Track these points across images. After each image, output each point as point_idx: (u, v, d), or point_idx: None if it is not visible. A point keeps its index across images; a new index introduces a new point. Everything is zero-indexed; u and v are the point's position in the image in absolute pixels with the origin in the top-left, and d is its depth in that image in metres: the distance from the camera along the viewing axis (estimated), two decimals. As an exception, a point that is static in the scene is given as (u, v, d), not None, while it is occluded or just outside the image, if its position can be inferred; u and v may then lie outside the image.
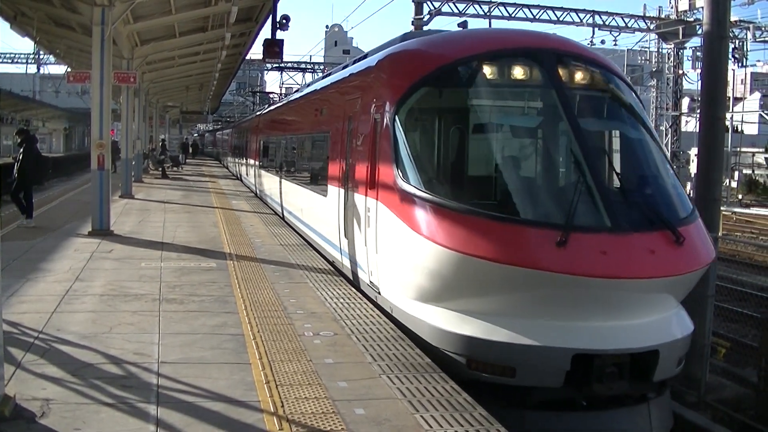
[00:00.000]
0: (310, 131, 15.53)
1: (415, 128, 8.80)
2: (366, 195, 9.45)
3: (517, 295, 7.23)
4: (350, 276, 10.97)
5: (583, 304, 7.16)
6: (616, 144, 8.79)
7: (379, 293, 9.18)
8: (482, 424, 5.80)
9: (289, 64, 54.03)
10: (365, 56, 12.27)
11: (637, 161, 8.60)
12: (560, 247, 6.96)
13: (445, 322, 7.60)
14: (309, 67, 55.00)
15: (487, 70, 8.36)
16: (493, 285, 7.27)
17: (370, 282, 9.55)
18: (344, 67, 14.14)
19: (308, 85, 20.92)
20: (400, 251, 8.28)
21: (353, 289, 10.61)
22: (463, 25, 24.17)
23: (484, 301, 7.41)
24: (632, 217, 7.51)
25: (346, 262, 11.07)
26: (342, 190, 11.10)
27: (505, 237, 7.19)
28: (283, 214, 19.63)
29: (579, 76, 8.49)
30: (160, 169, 38.94)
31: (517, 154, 8.59)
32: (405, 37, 10.79)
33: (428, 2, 23.06)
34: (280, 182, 19.89)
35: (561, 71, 8.29)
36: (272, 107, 28.47)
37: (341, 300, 9.88)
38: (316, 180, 14.16)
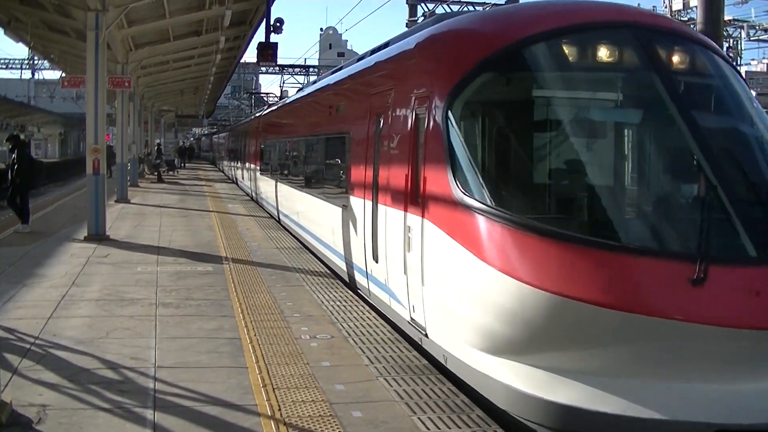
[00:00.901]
0: (323, 132, 13.44)
1: (477, 126, 6.82)
2: (406, 210, 7.59)
3: (635, 351, 5.42)
4: (381, 308, 9.09)
5: (728, 363, 5.36)
6: (738, 145, 6.70)
7: (426, 335, 7.26)
8: (480, 425, 5.79)
9: (288, 63, 53.72)
10: (386, 45, 10.58)
11: None
12: (697, 286, 5.28)
13: (527, 383, 5.66)
14: (303, 69, 54.71)
15: (569, 50, 6.46)
16: (600, 337, 5.45)
17: (412, 320, 7.64)
18: (359, 59, 12.43)
19: (314, 83, 18.80)
20: (461, 286, 6.33)
21: (350, 292, 10.59)
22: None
23: (586, 357, 5.54)
24: None
25: (377, 291, 9.07)
26: (369, 203, 9.16)
27: (620, 272, 5.45)
28: (278, 217, 19.60)
29: (680, 57, 6.56)
30: (156, 173, 38.93)
31: (621, 160, 6.73)
32: (441, 17, 8.72)
33: (422, 4, 23.08)
34: (276, 186, 19.81)
35: (660, 51, 6.44)
36: (273, 108, 26.31)
37: (338, 303, 9.87)
38: (332, 189, 12.32)
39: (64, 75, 26.75)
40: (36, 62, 60.04)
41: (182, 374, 6.86)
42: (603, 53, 6.42)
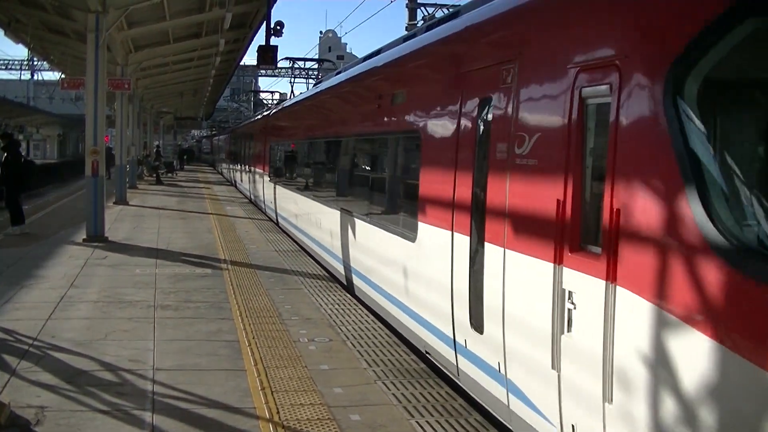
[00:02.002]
0: (368, 133, 10.33)
1: (749, 118, 3.81)
2: (559, 262, 4.63)
3: None
4: (483, 400, 6.15)
5: None
6: None
7: None
8: (478, 430, 5.79)
9: (288, 65, 52.97)
10: (455, 14, 7.85)
11: None
12: None
13: None
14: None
15: None
16: None
17: None
18: (406, 39, 9.61)
19: (338, 73, 15.10)
20: (728, 423, 3.33)
21: (348, 295, 10.60)
22: None
23: None
24: None
25: (478, 375, 6.10)
26: (461, 238, 6.27)
27: None
28: (277, 220, 19.58)
29: None
30: (155, 175, 38.97)
31: None
32: None
33: (422, 8, 23.11)
34: (275, 189, 19.78)
35: None
36: (288, 104, 21.81)
37: (336, 306, 9.88)
38: (385, 208, 9.48)
39: (63, 76, 26.77)
40: (35, 63, 60.18)
41: (181, 377, 6.86)
42: None
